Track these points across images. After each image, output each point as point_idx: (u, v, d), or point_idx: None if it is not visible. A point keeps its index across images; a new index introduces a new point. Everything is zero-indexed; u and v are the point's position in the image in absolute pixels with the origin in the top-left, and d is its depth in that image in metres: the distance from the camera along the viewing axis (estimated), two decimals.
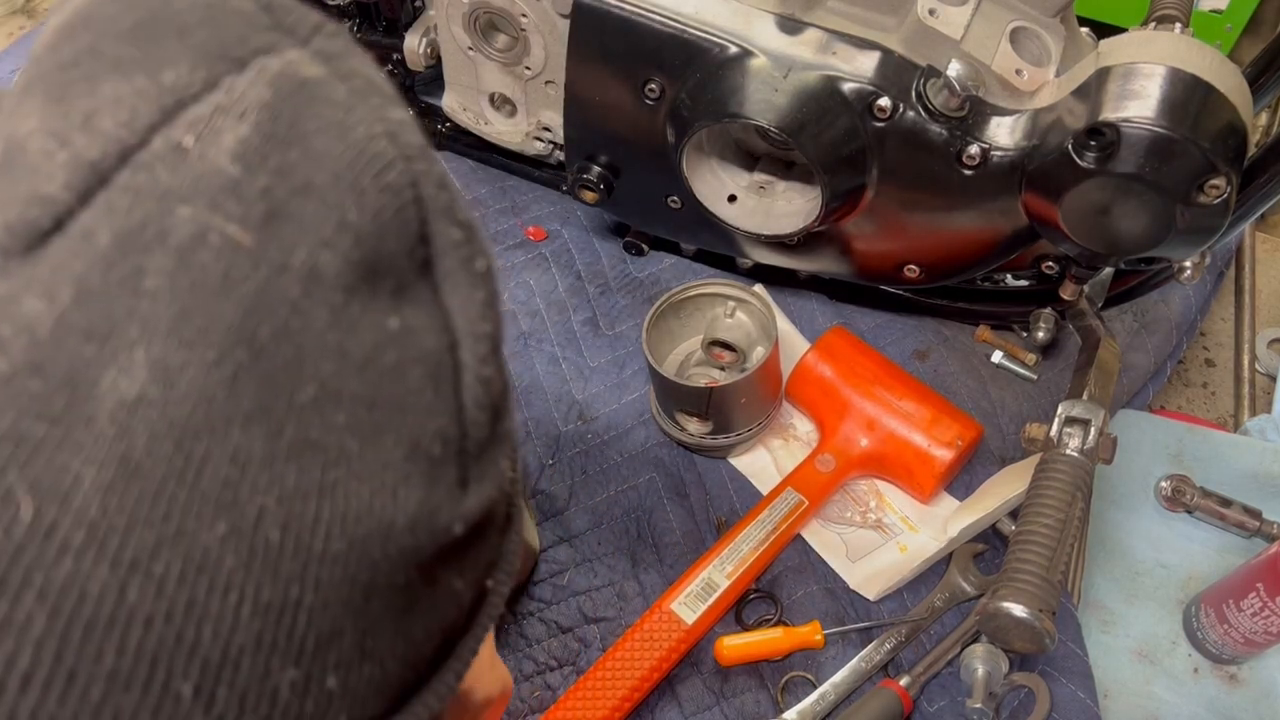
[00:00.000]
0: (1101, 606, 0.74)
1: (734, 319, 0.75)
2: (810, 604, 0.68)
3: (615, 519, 0.72)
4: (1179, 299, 0.87)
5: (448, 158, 0.95)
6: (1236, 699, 0.70)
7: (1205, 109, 0.56)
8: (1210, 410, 0.92)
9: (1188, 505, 0.76)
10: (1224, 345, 0.96)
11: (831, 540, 0.72)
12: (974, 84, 0.61)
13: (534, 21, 0.77)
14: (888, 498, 0.74)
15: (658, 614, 0.66)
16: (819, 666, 0.66)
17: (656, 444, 0.76)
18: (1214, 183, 0.56)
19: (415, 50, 0.86)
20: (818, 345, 0.76)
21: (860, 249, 0.76)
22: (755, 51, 0.66)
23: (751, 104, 0.65)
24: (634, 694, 0.63)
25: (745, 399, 0.71)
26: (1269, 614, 0.65)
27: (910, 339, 0.82)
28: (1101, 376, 0.65)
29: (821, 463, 0.72)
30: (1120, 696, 0.70)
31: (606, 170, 0.78)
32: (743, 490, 0.74)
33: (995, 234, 0.69)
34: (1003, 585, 0.55)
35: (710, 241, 0.82)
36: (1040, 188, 0.62)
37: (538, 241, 0.88)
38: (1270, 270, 1.03)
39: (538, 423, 0.77)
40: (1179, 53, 0.58)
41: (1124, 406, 0.82)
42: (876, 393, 0.73)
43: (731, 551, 0.68)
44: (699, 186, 0.74)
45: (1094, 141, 0.58)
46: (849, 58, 0.65)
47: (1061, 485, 0.58)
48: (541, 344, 0.82)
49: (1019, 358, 0.82)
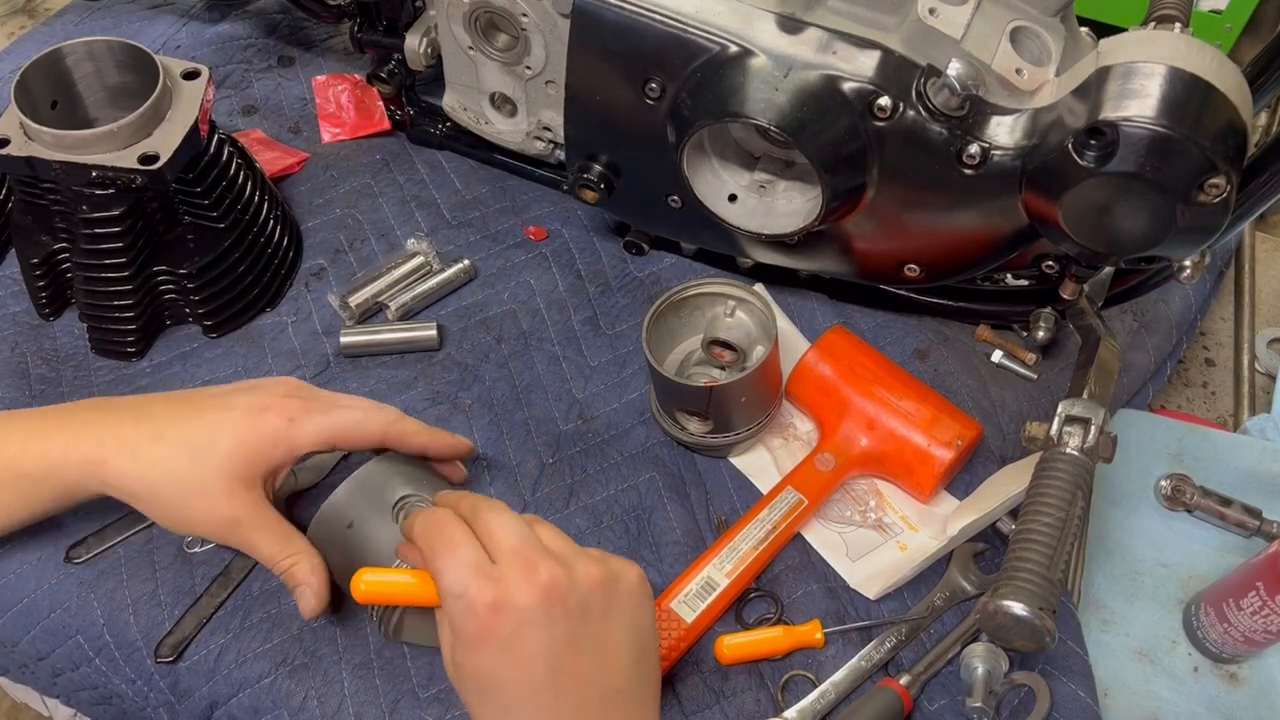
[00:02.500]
0: (1101, 606, 0.74)
1: (734, 318, 0.76)
2: (810, 603, 0.69)
3: (615, 518, 0.72)
4: (1179, 298, 0.87)
5: (448, 157, 0.95)
6: (1236, 698, 0.70)
7: (1205, 108, 0.56)
8: (1210, 410, 0.92)
9: (1188, 505, 0.76)
10: (1224, 345, 0.96)
11: (831, 539, 0.72)
12: (974, 83, 0.61)
13: (534, 21, 0.77)
14: (888, 497, 0.74)
15: (658, 613, 0.66)
16: (819, 665, 0.66)
17: (656, 443, 0.76)
18: (1214, 182, 0.56)
19: (416, 50, 0.86)
20: (818, 345, 0.76)
21: (860, 248, 0.76)
22: (756, 51, 0.66)
23: (752, 103, 0.65)
24: None
25: (745, 398, 0.71)
26: (1269, 613, 0.65)
27: (910, 339, 0.82)
28: (1101, 376, 0.65)
29: (821, 462, 0.72)
30: (1120, 695, 0.70)
31: (607, 170, 0.78)
32: (743, 489, 0.74)
33: (995, 233, 0.69)
34: (1003, 584, 0.55)
35: (710, 241, 0.82)
36: (1040, 187, 0.62)
37: (538, 241, 0.89)
38: (1270, 270, 1.03)
39: (538, 422, 0.77)
40: (1179, 52, 0.58)
41: (1124, 406, 0.82)
42: (876, 392, 0.73)
43: (731, 550, 0.68)
44: (699, 186, 0.74)
45: (1094, 141, 0.58)
46: (849, 57, 0.65)
47: (1061, 484, 0.58)
48: (541, 343, 0.82)
49: (1019, 357, 0.82)
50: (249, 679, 0.64)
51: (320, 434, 0.61)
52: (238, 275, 0.80)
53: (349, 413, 0.62)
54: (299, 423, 0.60)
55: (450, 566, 0.50)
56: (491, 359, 0.81)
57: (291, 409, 0.61)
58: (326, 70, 1.02)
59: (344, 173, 0.93)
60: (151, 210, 0.75)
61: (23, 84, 0.71)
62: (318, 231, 0.89)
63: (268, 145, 0.94)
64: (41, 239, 0.77)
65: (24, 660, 0.68)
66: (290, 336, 0.81)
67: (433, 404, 0.78)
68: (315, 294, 0.84)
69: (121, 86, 0.77)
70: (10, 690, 0.74)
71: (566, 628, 0.50)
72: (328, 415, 0.61)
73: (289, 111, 0.99)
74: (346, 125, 0.97)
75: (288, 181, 0.93)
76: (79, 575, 0.67)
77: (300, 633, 0.66)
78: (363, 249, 0.87)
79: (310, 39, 1.06)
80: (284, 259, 0.84)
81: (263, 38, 1.05)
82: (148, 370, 0.79)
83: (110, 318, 0.77)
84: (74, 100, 0.77)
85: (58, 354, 0.79)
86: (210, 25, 1.06)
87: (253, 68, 1.02)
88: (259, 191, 0.82)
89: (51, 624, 0.66)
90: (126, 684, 0.66)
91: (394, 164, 0.94)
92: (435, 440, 0.65)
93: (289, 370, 0.79)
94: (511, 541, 0.51)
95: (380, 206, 0.91)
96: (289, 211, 0.88)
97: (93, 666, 0.66)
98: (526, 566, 0.50)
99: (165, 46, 1.03)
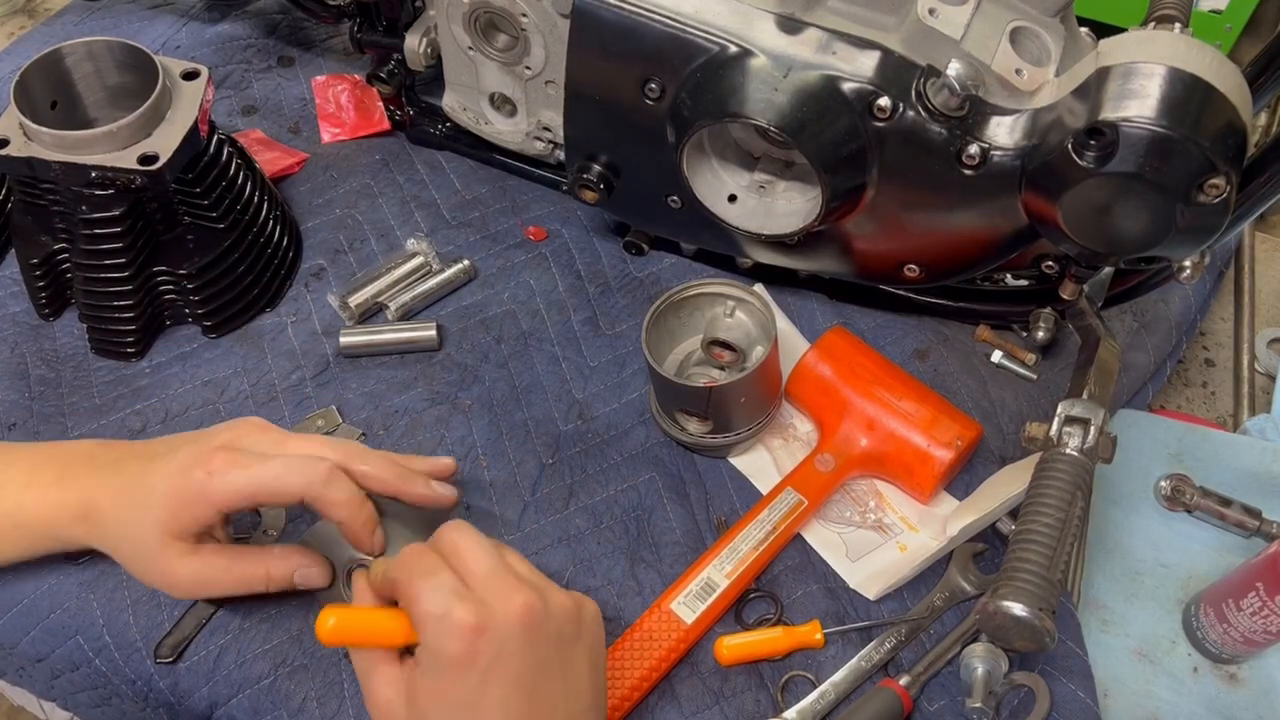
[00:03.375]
0: (1101, 606, 0.74)
1: (734, 319, 0.76)
2: (810, 603, 0.68)
3: (615, 519, 0.72)
4: (1179, 299, 0.87)
5: (448, 158, 0.95)
6: (1236, 698, 0.70)
7: (1205, 108, 0.56)
8: (1210, 410, 0.92)
9: (1187, 505, 0.76)
10: (1224, 345, 0.96)
11: (831, 540, 0.72)
12: (974, 84, 0.61)
13: (534, 21, 0.77)
14: (887, 497, 0.74)
15: (657, 614, 0.66)
16: (819, 666, 0.66)
17: (656, 444, 0.76)
18: (1214, 182, 0.56)
19: (415, 50, 0.86)
20: (818, 345, 0.76)
21: (860, 248, 0.76)
22: (755, 51, 0.66)
23: (752, 103, 0.65)
24: (633, 694, 0.63)
25: (745, 398, 0.71)
26: (1269, 613, 0.65)
27: (910, 339, 0.82)
28: (1101, 376, 0.65)
29: (821, 462, 0.72)
30: (1120, 696, 0.70)
31: (606, 170, 0.78)
32: (743, 490, 0.74)
33: (995, 234, 0.69)
34: (1003, 584, 0.55)
35: (710, 241, 0.82)
36: (1040, 187, 0.62)
37: (538, 241, 0.89)
38: (1270, 270, 1.03)
39: (538, 423, 0.77)
40: (1179, 52, 0.58)
41: (1124, 406, 0.82)
42: (876, 393, 0.73)
43: (731, 551, 0.68)
44: (699, 186, 0.74)
45: (1094, 141, 0.58)
46: (849, 57, 0.65)
47: (1061, 484, 0.58)
48: (541, 344, 0.82)
49: (1019, 357, 0.82)
50: (248, 680, 0.64)
51: (236, 492, 0.57)
52: (237, 275, 0.80)
53: (267, 468, 0.57)
54: (216, 478, 0.56)
55: (431, 590, 0.50)
56: (491, 359, 0.81)
57: (216, 462, 0.57)
58: (326, 70, 1.02)
59: (344, 173, 0.93)
60: (151, 210, 0.75)
61: (22, 84, 0.71)
62: (317, 231, 0.89)
63: (267, 145, 0.94)
64: (41, 239, 0.77)
65: (22, 662, 0.68)
66: (290, 337, 0.81)
67: (432, 404, 0.78)
68: (315, 294, 0.84)
69: (121, 87, 0.77)
70: (7, 693, 0.73)
71: (544, 653, 0.50)
72: (247, 471, 0.57)
73: (289, 111, 0.99)
74: (346, 125, 0.97)
75: (288, 181, 0.93)
76: (79, 576, 0.67)
77: (300, 634, 0.65)
78: (362, 249, 0.87)
79: (310, 39, 1.06)
80: (284, 259, 0.84)
81: (263, 38, 1.05)
82: (147, 370, 0.79)
83: (110, 318, 0.77)
84: (74, 100, 0.77)
85: (58, 354, 0.79)
86: (210, 25, 1.06)
87: (252, 68, 1.02)
88: (259, 192, 0.82)
89: (51, 624, 0.66)
90: (126, 685, 0.66)
91: (394, 164, 0.94)
92: (359, 515, 0.58)
93: (289, 371, 0.79)
94: (486, 567, 0.51)
95: (380, 206, 0.91)
96: (289, 211, 0.88)
97: (92, 667, 0.66)
98: (505, 591, 0.50)
99: (165, 46, 1.03)
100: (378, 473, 0.60)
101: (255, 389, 0.78)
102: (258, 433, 0.60)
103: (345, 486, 0.58)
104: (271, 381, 0.78)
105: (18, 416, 0.75)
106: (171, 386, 0.78)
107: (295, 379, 0.78)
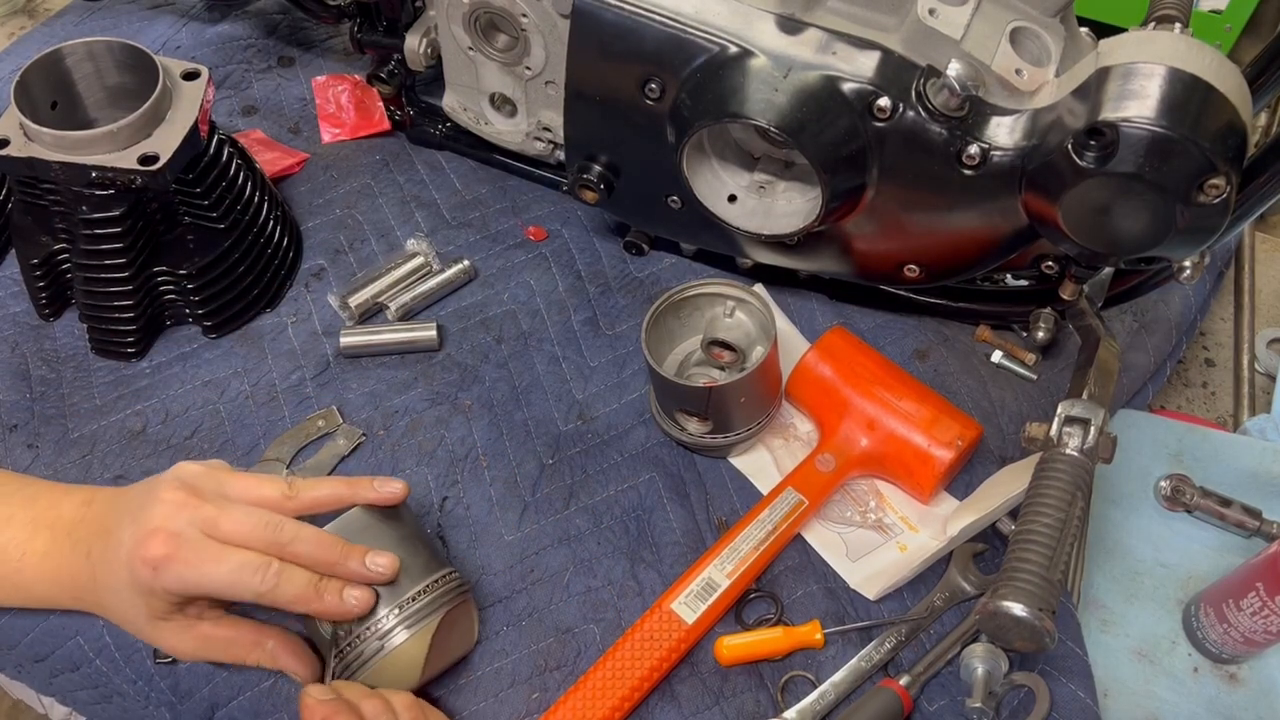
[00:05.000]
0: (1101, 606, 0.74)
1: (733, 319, 0.76)
2: (810, 603, 0.68)
3: (615, 519, 0.72)
4: (1179, 299, 0.87)
5: (448, 158, 0.95)
6: (1236, 698, 0.70)
7: (1205, 109, 0.56)
8: (1210, 410, 0.92)
9: (1187, 505, 0.76)
10: (1224, 345, 0.96)
11: (831, 540, 0.72)
12: (974, 84, 0.61)
13: (534, 21, 0.77)
14: (888, 497, 0.74)
15: (658, 614, 0.66)
16: (819, 666, 0.66)
17: (656, 444, 0.76)
18: (1214, 182, 0.56)
19: (415, 50, 0.86)
20: (818, 345, 0.76)
21: (860, 249, 0.76)
22: (755, 51, 0.66)
23: (752, 104, 0.65)
24: (634, 694, 0.63)
25: (745, 399, 0.71)
26: (1269, 613, 0.65)
27: (910, 339, 0.82)
28: (1101, 376, 0.65)
29: (821, 462, 0.72)
30: (1120, 696, 0.70)
31: (606, 170, 0.78)
32: (743, 490, 0.74)
33: (995, 234, 0.69)
34: (1003, 584, 0.55)
35: (710, 241, 0.82)
36: (1040, 187, 0.62)
37: (538, 241, 0.89)
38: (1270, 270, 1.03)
39: (538, 423, 0.77)
40: (1179, 52, 0.58)
41: (1124, 406, 0.82)
42: (876, 393, 0.73)
43: (731, 551, 0.68)
44: (699, 186, 0.74)
45: (1094, 141, 0.58)
46: (849, 58, 0.65)
47: (1061, 485, 0.58)
48: (541, 344, 0.82)
49: (1019, 357, 0.82)
50: (250, 682, 0.64)
51: (190, 587, 0.55)
52: (237, 275, 0.80)
53: (217, 573, 0.54)
54: (162, 574, 0.54)
55: None
56: (491, 359, 0.81)
57: (154, 554, 0.54)
58: (326, 70, 1.02)
59: (344, 173, 0.93)
60: (151, 210, 0.76)
61: (23, 84, 0.71)
62: (318, 232, 0.89)
63: (268, 146, 0.94)
64: (41, 239, 0.77)
65: (21, 660, 0.68)
66: (290, 337, 0.81)
67: (433, 404, 0.78)
68: (315, 294, 0.84)
69: (121, 87, 0.77)
70: (7, 687, 0.73)
71: None
72: (196, 570, 0.54)
73: (289, 112, 0.99)
74: (346, 125, 0.97)
75: (288, 182, 0.93)
76: None
77: None
78: (363, 249, 0.88)
79: (310, 39, 1.06)
80: (284, 259, 0.84)
81: (263, 38, 1.05)
82: (147, 370, 0.79)
83: (110, 318, 0.77)
84: (74, 101, 0.77)
85: (58, 354, 0.79)
86: (210, 25, 1.06)
87: (253, 68, 1.02)
88: (259, 192, 0.82)
89: (52, 624, 0.66)
90: (128, 684, 0.66)
91: (394, 164, 0.94)
92: (313, 607, 0.57)
93: (289, 371, 0.79)
94: None
95: (380, 207, 0.91)
96: (289, 212, 0.88)
97: (93, 667, 0.66)
98: None
99: (165, 47, 1.03)
100: (291, 594, 0.56)
101: (255, 389, 0.78)
102: (194, 496, 0.56)
103: (294, 583, 0.56)
104: (272, 382, 0.78)
105: (19, 417, 0.75)
106: (172, 387, 0.78)
107: (295, 379, 0.78)
